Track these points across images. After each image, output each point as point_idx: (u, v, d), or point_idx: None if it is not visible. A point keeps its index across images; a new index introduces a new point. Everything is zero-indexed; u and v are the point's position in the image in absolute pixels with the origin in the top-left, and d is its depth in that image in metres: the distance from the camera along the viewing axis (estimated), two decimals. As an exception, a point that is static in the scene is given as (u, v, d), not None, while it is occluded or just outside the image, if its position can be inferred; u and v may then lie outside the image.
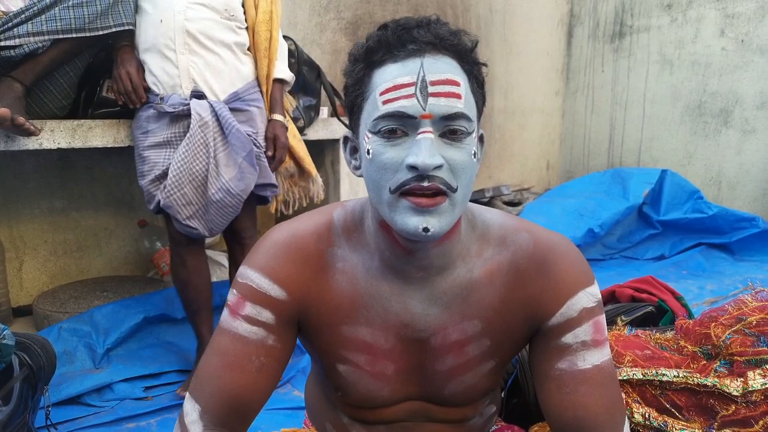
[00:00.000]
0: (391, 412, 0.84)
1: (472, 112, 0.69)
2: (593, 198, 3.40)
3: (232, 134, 1.66)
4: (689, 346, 1.08)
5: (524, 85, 4.14)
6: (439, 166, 0.65)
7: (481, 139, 0.75)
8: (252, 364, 0.75)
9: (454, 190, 0.67)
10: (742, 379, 0.96)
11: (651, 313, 1.42)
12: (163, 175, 1.67)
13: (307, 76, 2.08)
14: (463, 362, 0.80)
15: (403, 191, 0.66)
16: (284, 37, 2.09)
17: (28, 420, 1.25)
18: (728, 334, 1.01)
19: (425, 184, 0.65)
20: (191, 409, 0.76)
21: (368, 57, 0.70)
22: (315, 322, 0.79)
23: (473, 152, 0.69)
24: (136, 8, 1.69)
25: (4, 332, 1.15)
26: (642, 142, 4.01)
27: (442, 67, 0.66)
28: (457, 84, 0.67)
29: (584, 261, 0.79)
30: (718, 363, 1.01)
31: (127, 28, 1.63)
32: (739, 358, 0.99)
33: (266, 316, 0.76)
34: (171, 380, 1.84)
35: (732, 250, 3.21)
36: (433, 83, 0.66)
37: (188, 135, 1.63)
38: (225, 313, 0.78)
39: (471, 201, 0.82)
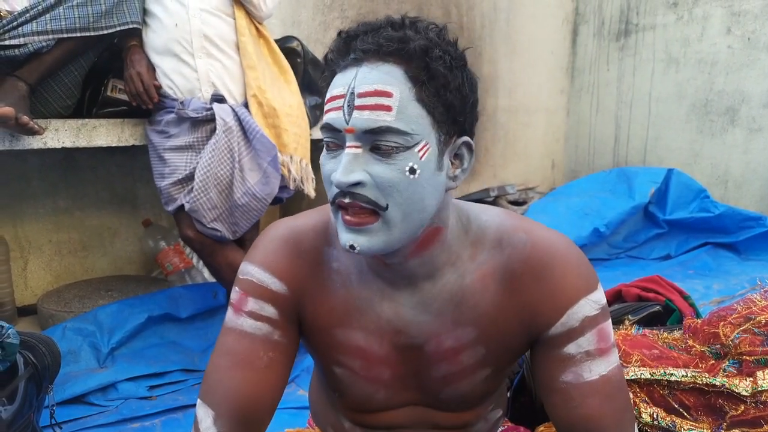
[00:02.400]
0: (391, 416, 0.83)
1: (411, 125, 0.63)
2: (598, 197, 3.38)
3: (257, 139, 1.67)
4: (697, 346, 1.07)
5: (529, 84, 4.13)
6: (359, 184, 0.63)
7: (469, 148, 0.70)
8: (261, 361, 0.74)
9: (384, 209, 0.64)
10: (751, 379, 0.95)
11: (658, 312, 1.41)
12: (186, 179, 1.67)
13: (312, 75, 2.08)
14: (458, 370, 0.78)
15: (336, 204, 0.66)
16: (290, 36, 2.10)
17: (33, 419, 1.25)
18: (737, 334, 1.01)
19: (346, 200, 0.64)
20: (204, 415, 0.74)
21: (327, 66, 0.69)
22: (311, 322, 0.79)
23: (408, 168, 0.63)
24: (145, 11, 1.69)
25: (9, 331, 1.15)
26: (648, 141, 3.98)
27: (374, 77, 0.63)
28: (387, 95, 0.62)
29: (586, 263, 0.74)
30: (727, 362, 1.00)
31: (132, 27, 1.63)
32: (748, 358, 0.98)
33: (269, 310, 0.75)
34: (175, 379, 1.84)
35: (739, 249, 3.18)
36: (361, 95, 0.62)
37: (213, 140, 1.63)
38: (229, 311, 0.77)
39: (475, 201, 0.80)
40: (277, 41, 1.95)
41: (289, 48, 2.01)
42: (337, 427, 0.89)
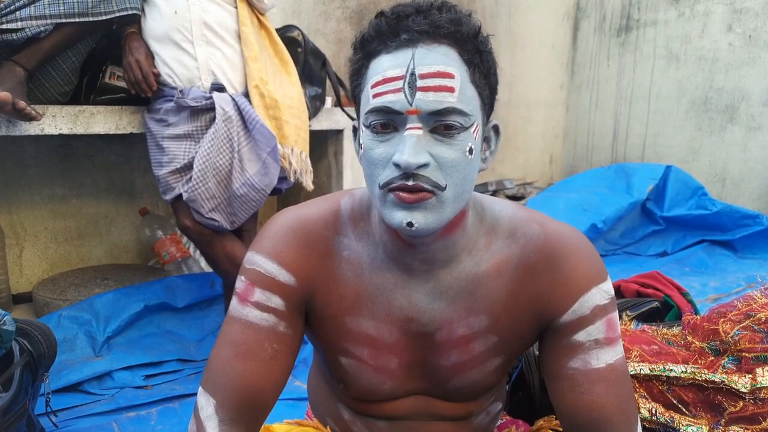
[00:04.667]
0: (393, 406, 0.83)
1: (469, 106, 0.65)
2: (596, 193, 3.38)
3: (256, 129, 1.65)
4: (697, 342, 1.07)
5: (529, 79, 4.12)
6: (424, 165, 0.63)
7: (496, 130, 0.73)
8: (265, 352, 0.73)
9: (443, 189, 0.64)
10: (750, 376, 0.96)
11: (656, 308, 1.41)
12: (184, 168, 1.66)
13: (312, 65, 2.06)
14: (468, 358, 0.78)
15: (390, 188, 0.65)
16: (291, 26, 2.08)
17: (28, 406, 1.25)
18: (737, 330, 1.01)
19: (410, 183, 0.63)
20: (206, 403, 0.73)
21: (364, 47, 0.68)
22: (319, 311, 0.78)
23: (468, 148, 0.65)
24: None
25: (5, 318, 1.14)
26: (646, 138, 3.98)
27: (434, 58, 0.63)
28: (449, 76, 0.63)
29: (597, 255, 0.77)
30: (726, 359, 1.00)
31: (131, 13, 1.61)
32: (747, 355, 0.98)
33: (276, 302, 0.74)
34: (171, 369, 1.83)
35: (735, 247, 3.19)
36: (423, 76, 0.62)
37: (213, 129, 1.61)
38: (234, 301, 0.76)
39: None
40: (277, 30, 1.93)
41: (289, 38, 2.00)
42: (337, 418, 0.89)
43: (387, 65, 0.64)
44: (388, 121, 0.65)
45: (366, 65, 0.68)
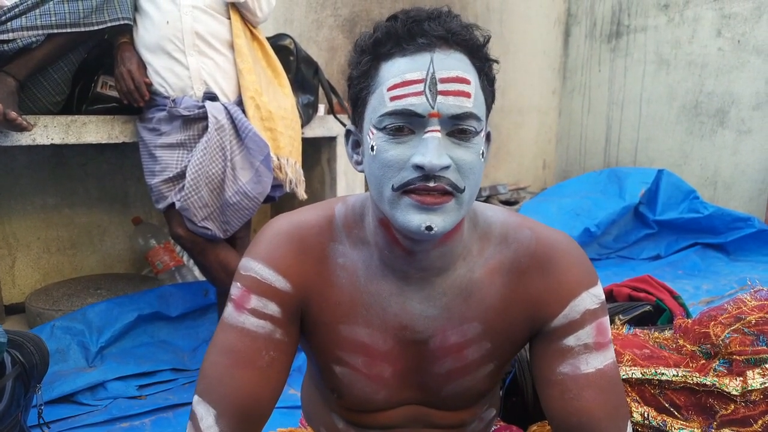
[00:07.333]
0: (387, 416, 0.83)
1: (481, 111, 0.66)
2: (589, 197, 3.40)
3: (249, 138, 1.66)
4: (688, 345, 1.07)
5: (521, 84, 4.14)
6: (447, 167, 0.63)
7: (488, 137, 0.74)
8: (262, 360, 0.73)
9: (462, 191, 0.65)
10: (741, 379, 0.96)
11: (649, 312, 1.42)
12: (177, 177, 1.66)
13: (305, 73, 2.07)
14: (462, 365, 0.78)
15: (406, 190, 0.65)
16: (283, 34, 2.09)
17: (21, 418, 1.24)
18: (727, 333, 1.01)
19: (431, 184, 0.63)
20: (206, 414, 0.72)
21: (376, 49, 0.67)
22: (314, 318, 0.78)
23: (480, 152, 0.67)
24: (136, 7, 1.68)
25: (-4, 330, 1.13)
26: (638, 142, 4.01)
27: (452, 64, 0.64)
28: (467, 82, 0.64)
29: (587, 260, 0.77)
30: (717, 362, 1.01)
31: (122, 23, 1.62)
32: (738, 358, 0.99)
33: (272, 308, 0.74)
34: (165, 378, 1.82)
35: (727, 250, 3.21)
36: (443, 80, 0.63)
37: (205, 138, 1.62)
38: (229, 308, 0.75)
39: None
40: (269, 39, 1.94)
41: (281, 46, 2.01)
42: (330, 427, 0.89)
43: (405, 68, 0.64)
44: (405, 124, 0.64)
45: (376, 67, 0.67)
